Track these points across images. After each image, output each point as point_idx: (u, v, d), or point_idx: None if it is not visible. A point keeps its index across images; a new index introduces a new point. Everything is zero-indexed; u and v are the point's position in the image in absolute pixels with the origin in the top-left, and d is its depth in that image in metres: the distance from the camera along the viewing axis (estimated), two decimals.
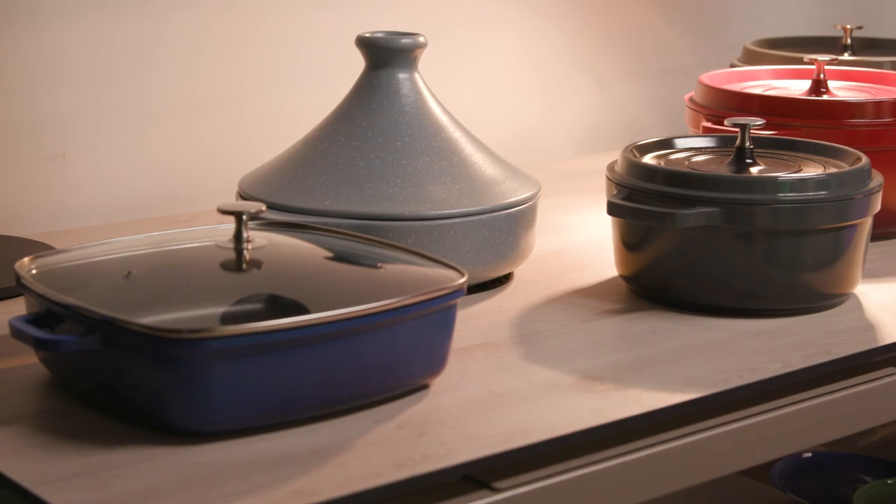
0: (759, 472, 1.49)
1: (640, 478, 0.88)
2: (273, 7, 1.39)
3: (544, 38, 1.60)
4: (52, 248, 1.09)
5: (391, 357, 0.87)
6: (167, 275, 0.90)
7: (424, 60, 1.15)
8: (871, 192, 1.07)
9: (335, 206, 1.05)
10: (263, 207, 0.91)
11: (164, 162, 1.34)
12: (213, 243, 0.91)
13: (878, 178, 1.09)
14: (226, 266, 0.89)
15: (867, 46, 1.62)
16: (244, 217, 0.90)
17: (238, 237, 0.90)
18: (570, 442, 0.85)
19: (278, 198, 1.07)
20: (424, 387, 0.91)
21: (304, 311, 0.85)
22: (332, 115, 1.13)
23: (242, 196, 1.10)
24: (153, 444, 0.81)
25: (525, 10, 1.58)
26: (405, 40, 1.11)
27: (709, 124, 1.25)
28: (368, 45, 1.12)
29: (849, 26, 1.60)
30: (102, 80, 1.30)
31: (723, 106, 1.28)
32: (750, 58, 1.54)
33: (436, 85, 1.16)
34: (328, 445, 0.82)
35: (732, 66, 1.53)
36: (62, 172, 1.29)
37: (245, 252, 0.90)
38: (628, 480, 0.87)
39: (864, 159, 1.10)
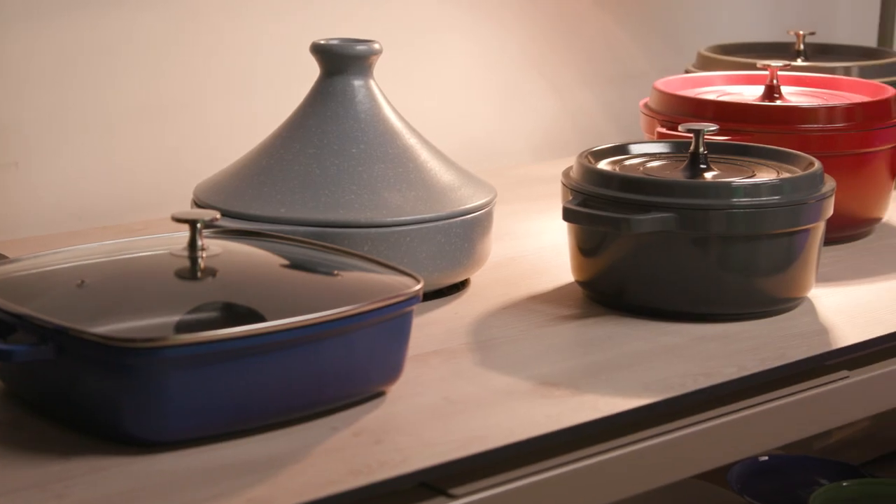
0: (717, 476, 1.49)
1: (596, 483, 0.88)
2: (228, 15, 1.39)
3: (501, 44, 1.60)
4: (5, 257, 1.08)
5: (347, 364, 0.86)
6: (121, 284, 0.89)
7: (380, 67, 1.15)
8: (824, 197, 1.07)
9: (290, 214, 1.05)
10: (218, 215, 0.90)
11: (119, 170, 1.34)
12: (167, 252, 0.91)
13: (830, 183, 1.09)
14: (180, 274, 0.89)
15: (820, 52, 1.63)
16: (198, 225, 0.90)
17: (192, 245, 0.90)
18: (527, 448, 0.86)
19: (233, 205, 1.07)
20: (381, 394, 0.91)
21: (260, 318, 0.85)
22: (288, 122, 1.13)
23: (197, 204, 1.09)
24: (108, 454, 0.81)
25: (481, 17, 1.58)
26: (360, 47, 1.11)
27: (663, 130, 1.25)
28: (323, 52, 1.11)
29: (801, 32, 1.61)
30: (58, 86, 1.29)
31: (677, 111, 1.28)
32: (704, 64, 1.55)
33: (391, 92, 1.16)
34: (285, 453, 0.82)
35: (687, 71, 1.54)
36: (17, 180, 1.28)
37: (199, 260, 0.89)
38: (585, 486, 0.88)
39: (817, 164, 1.10)
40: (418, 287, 0.89)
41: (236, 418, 0.83)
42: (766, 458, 1.54)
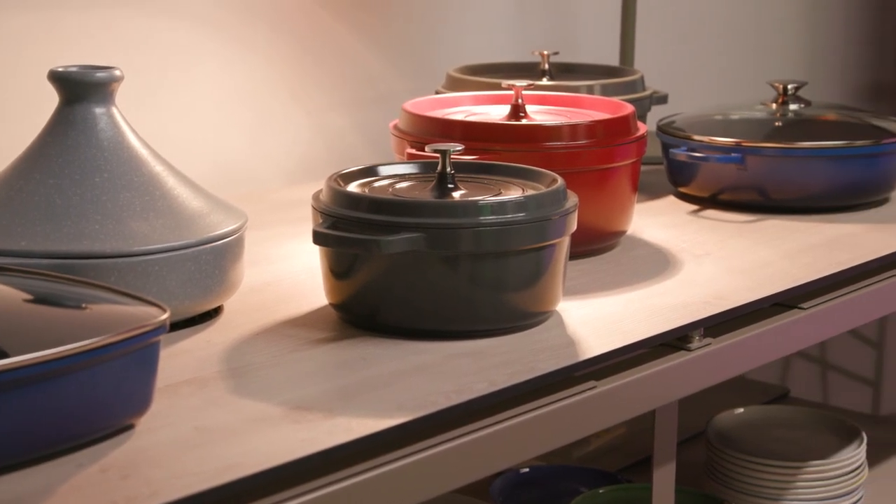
0: (480, 490, 1.51)
1: None
2: None
3: (252, 69, 1.60)
4: None
5: (92, 399, 0.84)
6: None
7: (127, 95, 1.13)
8: (568, 213, 1.10)
9: (32, 246, 1.02)
10: None
11: None
12: None
13: (573, 199, 1.12)
14: None
15: (564, 71, 1.68)
16: None
17: None
18: (281, 473, 0.85)
19: None
20: (129, 427, 0.89)
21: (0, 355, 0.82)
22: (27, 152, 1.09)
23: None
24: None
25: (231, 42, 1.57)
26: (100, 74, 1.09)
27: (413, 151, 1.26)
28: (62, 80, 1.09)
29: (546, 52, 1.65)
30: None
31: (426, 132, 1.30)
32: (453, 84, 1.57)
33: (139, 119, 1.14)
34: (27, 494, 0.79)
35: (437, 92, 1.56)
36: None
37: None
38: None
39: (560, 181, 1.13)
40: (164, 317, 0.88)
41: None
42: (527, 469, 1.57)
